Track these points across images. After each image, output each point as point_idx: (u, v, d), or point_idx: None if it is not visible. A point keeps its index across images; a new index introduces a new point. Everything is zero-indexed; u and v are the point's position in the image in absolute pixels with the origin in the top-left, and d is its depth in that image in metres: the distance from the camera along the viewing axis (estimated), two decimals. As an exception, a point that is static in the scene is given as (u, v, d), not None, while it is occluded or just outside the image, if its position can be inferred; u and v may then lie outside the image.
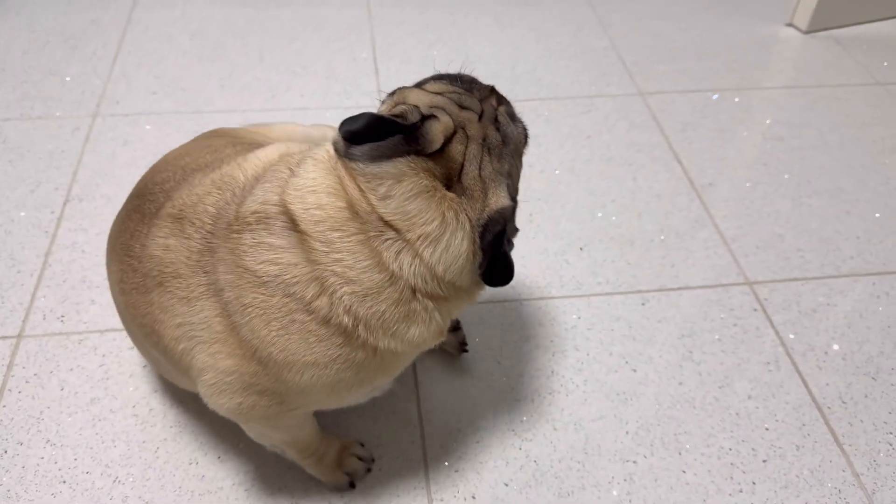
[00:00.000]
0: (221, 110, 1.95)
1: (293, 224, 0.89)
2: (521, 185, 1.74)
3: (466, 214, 0.89)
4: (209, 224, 0.97)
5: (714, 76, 2.17)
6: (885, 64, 2.25)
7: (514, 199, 0.96)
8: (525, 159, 1.83)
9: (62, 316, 1.44)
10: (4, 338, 1.40)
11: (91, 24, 2.25)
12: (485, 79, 1.05)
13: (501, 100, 1.03)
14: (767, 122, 2.01)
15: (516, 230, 0.99)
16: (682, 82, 2.14)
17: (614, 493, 1.22)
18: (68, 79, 2.04)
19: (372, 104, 2.00)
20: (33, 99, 1.97)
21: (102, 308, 1.45)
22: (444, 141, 0.89)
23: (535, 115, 1.99)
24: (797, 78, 2.18)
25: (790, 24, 2.40)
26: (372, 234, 0.87)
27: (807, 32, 2.37)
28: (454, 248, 0.88)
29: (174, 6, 2.36)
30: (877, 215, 1.74)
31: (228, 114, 1.94)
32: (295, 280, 0.88)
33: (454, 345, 1.39)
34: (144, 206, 1.07)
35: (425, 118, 0.89)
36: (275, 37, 2.24)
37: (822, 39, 2.35)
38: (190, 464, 1.23)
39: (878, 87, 2.16)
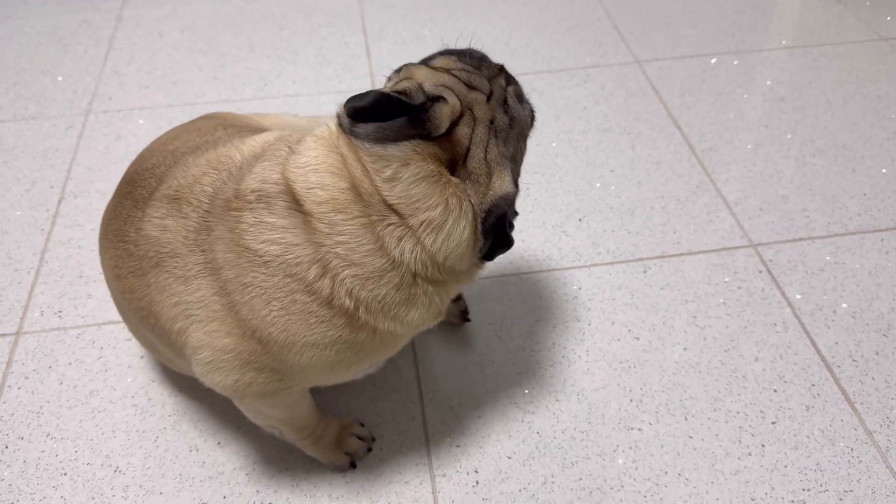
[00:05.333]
0: (213, 101, 1.94)
1: (296, 203, 0.87)
2: (517, 160, 1.73)
3: (470, 201, 0.88)
4: (206, 203, 0.96)
5: (712, 41, 2.13)
6: (889, 18, 2.19)
7: (516, 184, 0.94)
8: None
9: (60, 311, 1.43)
10: (3, 335, 1.39)
11: (82, 24, 2.25)
12: None
13: (510, 79, 1.01)
14: (768, 83, 1.97)
15: (516, 214, 0.97)
16: (680, 48, 2.10)
17: (619, 461, 1.19)
18: (60, 78, 2.04)
19: (365, 87, 1.99)
20: (27, 100, 1.96)
21: (99, 302, 1.44)
22: (450, 124, 0.87)
23: (529, 88, 1.95)
24: (797, 38, 2.14)
25: (789, -15, 2.35)
26: (375, 217, 0.86)
27: (806, -8, 2.32)
28: (456, 236, 0.87)
29: (164, 2, 2.35)
30: (883, 171, 1.70)
31: (220, 104, 1.93)
32: (297, 261, 0.87)
33: (456, 314, 1.37)
34: (136, 192, 1.06)
35: (433, 99, 0.86)
36: (265, 26, 2.23)
37: (823, -2, 2.30)
38: (190, 451, 1.22)
39: (882, 43, 2.10)
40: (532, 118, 1.02)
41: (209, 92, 1.98)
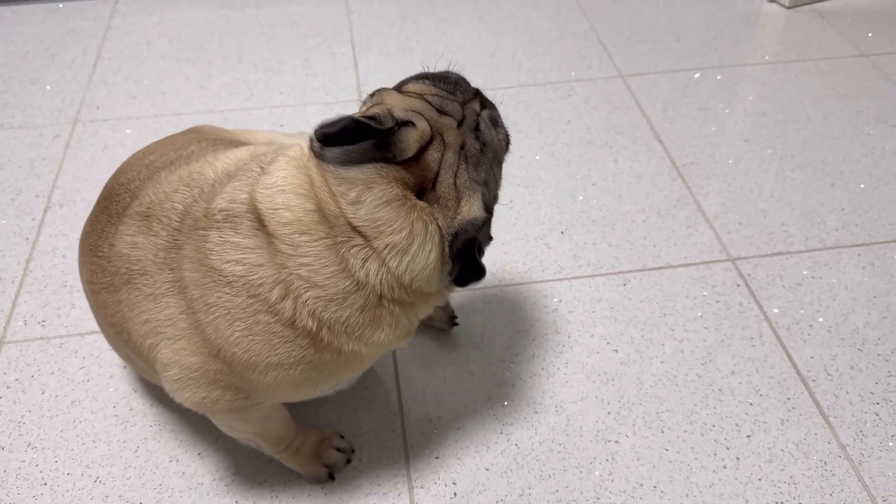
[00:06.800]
0: (200, 111, 1.95)
1: (260, 224, 0.88)
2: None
3: (437, 224, 0.88)
4: (176, 221, 0.97)
5: (695, 55, 2.15)
6: (870, 35, 2.23)
7: (489, 210, 0.94)
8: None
9: (43, 321, 1.44)
10: (-15, 345, 1.40)
11: (70, 33, 2.26)
12: (465, 67, 1.03)
13: (486, 103, 1.01)
14: (750, 98, 1.99)
15: (490, 238, 0.97)
16: (663, 62, 2.12)
17: (596, 473, 1.21)
18: (48, 87, 2.05)
19: (351, 99, 2.01)
20: (13, 108, 1.97)
21: (83, 312, 1.45)
22: (419, 149, 0.88)
23: (514, 101, 1.98)
24: (780, 53, 2.16)
25: (773, 0, 2.38)
26: (339, 239, 0.86)
27: (790, 7, 2.35)
28: (421, 259, 0.87)
29: (153, 12, 2.36)
30: (861, 186, 1.72)
31: (207, 114, 1.94)
32: (260, 282, 0.88)
33: (444, 319, 1.39)
34: (111, 207, 1.07)
35: (401, 124, 0.87)
36: (252, 36, 2.24)
37: (806, 13, 2.33)
38: (170, 461, 1.23)
39: (863, 59, 2.13)
40: (507, 143, 1.02)
41: (196, 102, 1.99)
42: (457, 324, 1.40)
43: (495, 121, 1.01)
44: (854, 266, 1.54)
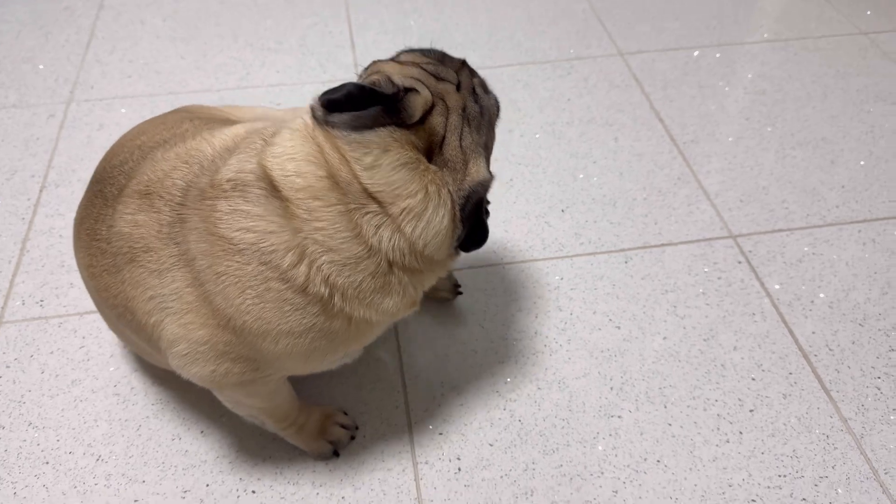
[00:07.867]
0: (196, 90, 1.93)
1: (273, 190, 0.88)
2: (501, 151, 1.75)
3: (448, 189, 0.89)
4: (178, 196, 0.96)
5: (694, 33, 2.14)
6: (869, 13, 2.22)
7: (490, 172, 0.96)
8: (505, 124, 1.82)
9: (41, 300, 1.43)
10: (-17, 325, 1.39)
11: (64, 12, 2.23)
12: (463, 46, 1.05)
13: (473, 72, 1.03)
14: (749, 76, 1.99)
15: (488, 202, 0.99)
16: (663, 41, 2.11)
17: (599, 448, 1.21)
18: (42, 66, 2.02)
19: (349, 77, 1.99)
20: (7, 88, 1.95)
21: (81, 291, 1.44)
22: (423, 113, 0.89)
23: (513, 80, 1.97)
24: (779, 31, 2.15)
25: (771, -21, 2.37)
26: (353, 206, 0.86)
27: (788, -14, 2.34)
28: (436, 223, 0.88)
29: (147, -10, 2.33)
30: (861, 163, 1.72)
31: (203, 93, 1.92)
32: (272, 249, 0.88)
33: (448, 288, 1.39)
34: (106, 190, 1.06)
35: (407, 90, 0.88)
36: (248, 15, 2.22)
37: (804, -8, 2.32)
38: (173, 439, 1.22)
39: (862, 37, 2.13)
40: (497, 107, 1.04)
41: (191, 81, 1.97)
42: (461, 292, 1.40)
43: (485, 87, 1.04)
44: (854, 242, 1.54)
